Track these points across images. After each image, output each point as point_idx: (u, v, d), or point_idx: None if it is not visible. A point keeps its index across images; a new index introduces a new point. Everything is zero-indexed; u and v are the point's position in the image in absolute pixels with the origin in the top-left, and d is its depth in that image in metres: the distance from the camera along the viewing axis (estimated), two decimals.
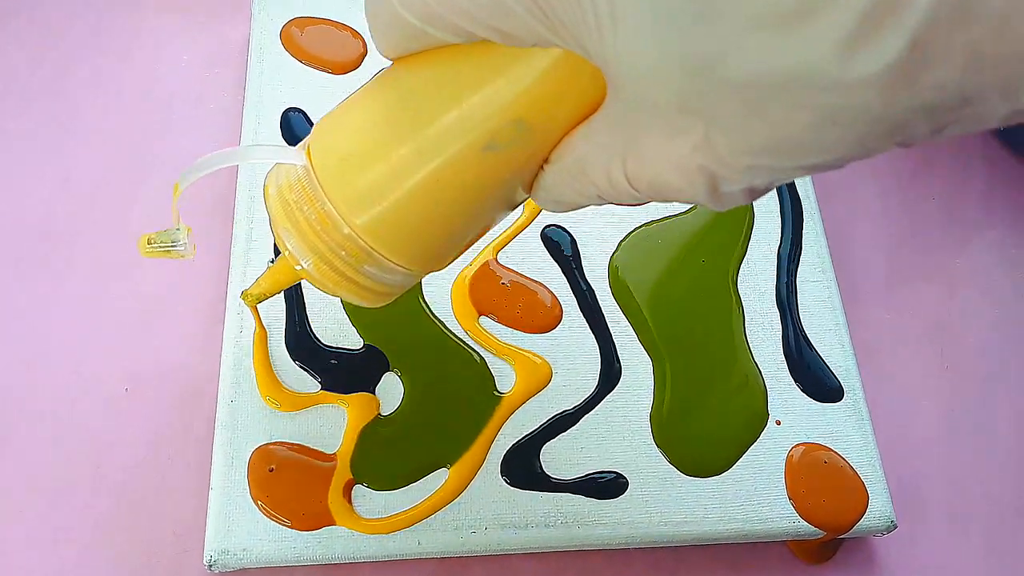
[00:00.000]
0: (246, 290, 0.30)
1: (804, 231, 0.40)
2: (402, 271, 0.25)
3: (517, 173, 0.23)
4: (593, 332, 0.36)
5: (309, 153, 0.24)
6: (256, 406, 0.33)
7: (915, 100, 0.15)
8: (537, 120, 0.22)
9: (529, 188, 0.24)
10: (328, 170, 0.23)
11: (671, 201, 0.21)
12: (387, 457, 0.33)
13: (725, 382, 0.36)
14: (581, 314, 0.37)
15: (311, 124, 0.38)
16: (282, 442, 0.32)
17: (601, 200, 0.23)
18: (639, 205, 0.23)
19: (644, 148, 0.20)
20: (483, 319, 0.36)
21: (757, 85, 0.16)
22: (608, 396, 0.35)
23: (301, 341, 0.34)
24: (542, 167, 0.23)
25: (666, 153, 0.19)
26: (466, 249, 0.26)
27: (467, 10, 0.19)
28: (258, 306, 0.32)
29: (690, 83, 0.17)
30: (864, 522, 0.34)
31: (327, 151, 0.23)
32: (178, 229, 0.28)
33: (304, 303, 0.35)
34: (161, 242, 0.28)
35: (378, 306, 0.27)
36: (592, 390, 0.35)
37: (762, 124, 0.17)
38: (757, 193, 0.20)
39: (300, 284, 0.35)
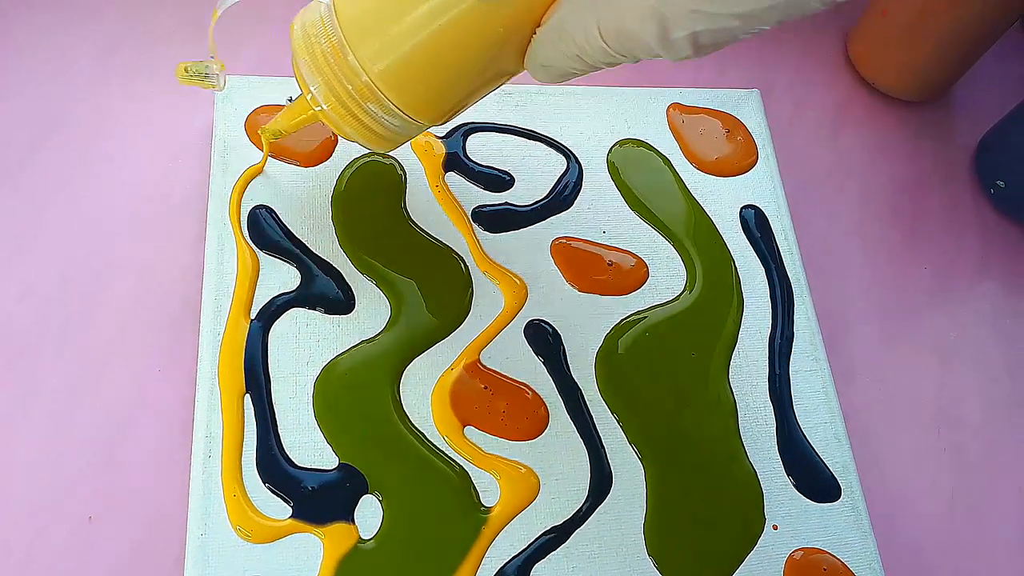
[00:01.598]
0: (264, 126, 0.34)
1: (796, 315, 0.39)
2: (401, 115, 0.29)
3: (510, 29, 0.26)
4: (581, 436, 0.35)
5: None
6: (228, 539, 0.31)
7: None
8: None
9: (522, 57, 0.28)
10: (347, 10, 0.27)
11: (635, 54, 0.24)
12: None
13: (721, 486, 0.35)
14: (568, 417, 0.35)
15: (279, 222, 0.37)
16: None
17: (581, 62, 0.26)
18: (613, 65, 0.26)
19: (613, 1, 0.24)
20: (467, 429, 0.34)
21: None
22: (600, 507, 0.34)
23: (272, 462, 0.32)
24: (533, 33, 0.27)
25: (629, 2, 0.23)
26: (461, 108, 0.30)
27: None
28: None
29: None
30: None
31: None
32: (213, 60, 0.32)
33: (276, 421, 0.33)
34: (197, 71, 0.32)
35: (381, 151, 0.32)
36: (583, 501, 0.34)
37: None
38: (701, 46, 0.23)
39: (271, 398, 0.33)
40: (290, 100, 0.34)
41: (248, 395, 0.33)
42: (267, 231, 0.36)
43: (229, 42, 0.43)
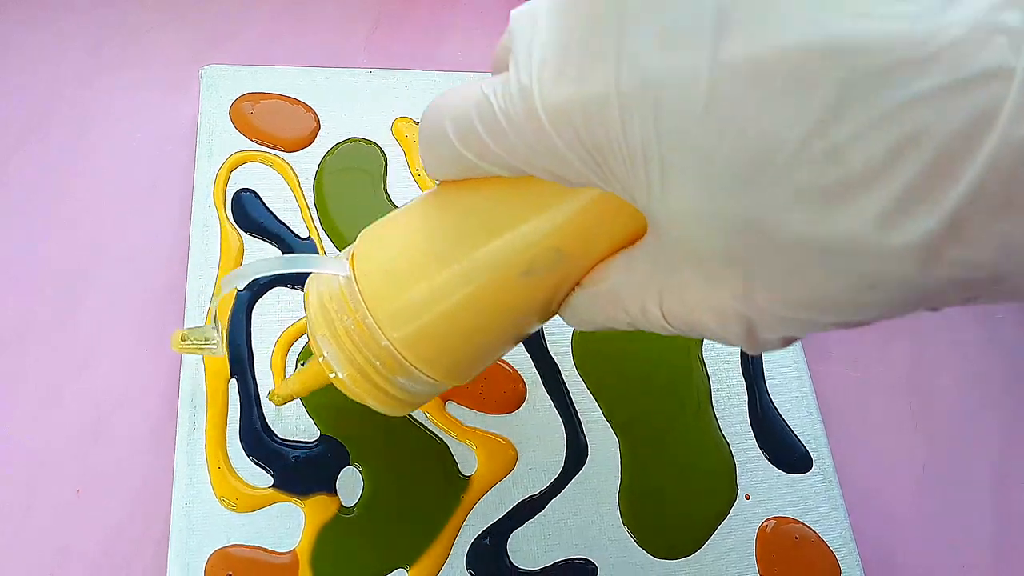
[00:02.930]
0: (273, 391, 0.31)
1: None
2: (432, 383, 0.26)
3: (550, 296, 0.24)
4: (558, 410, 0.36)
5: (352, 263, 0.25)
6: (212, 507, 0.32)
7: (949, 274, 0.16)
8: (575, 248, 0.23)
9: (558, 307, 0.25)
10: (371, 283, 0.25)
11: (704, 337, 0.22)
12: (349, 555, 0.32)
13: (694, 457, 0.36)
14: (545, 391, 0.36)
15: (264, 204, 0.38)
16: (240, 544, 0.31)
17: (631, 327, 0.24)
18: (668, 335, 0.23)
19: (682, 289, 0.21)
20: (448, 404, 0.35)
21: (799, 248, 0.17)
22: (575, 477, 0.35)
23: (256, 436, 0.33)
24: (573, 289, 0.24)
25: (705, 297, 0.20)
26: (493, 361, 0.28)
27: (525, 156, 0.20)
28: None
29: (735, 240, 0.18)
30: None
31: (371, 264, 0.25)
32: (213, 328, 0.29)
33: (259, 395, 0.34)
34: (195, 339, 0.30)
35: (399, 415, 0.28)
36: (558, 471, 0.35)
37: (802, 283, 0.18)
38: (792, 340, 0.20)
39: (255, 376, 0.34)
40: (302, 364, 0.34)
41: (233, 376, 0.34)
42: (251, 213, 0.37)
43: (213, 31, 0.44)
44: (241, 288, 0.35)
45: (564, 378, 0.37)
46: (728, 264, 0.19)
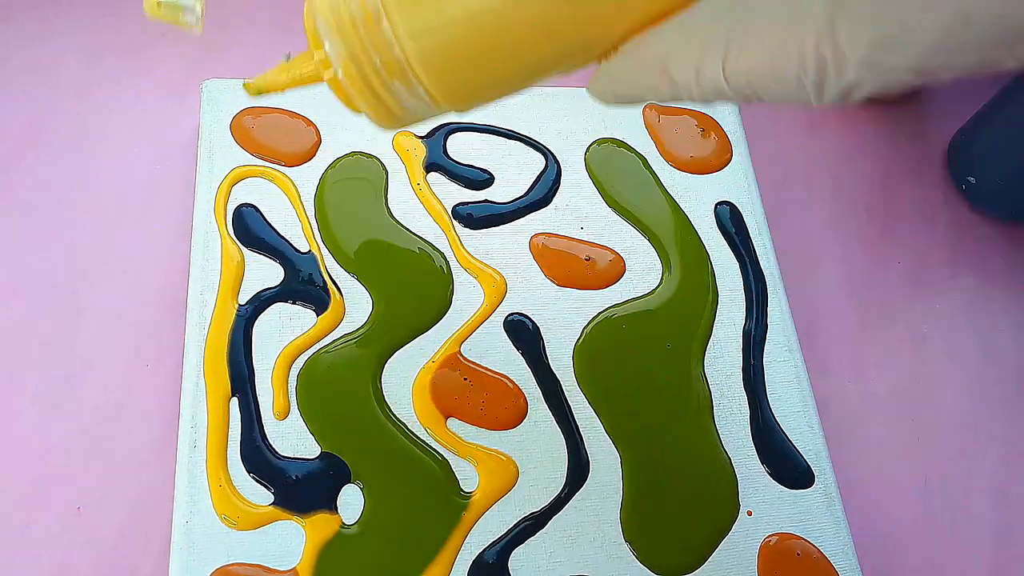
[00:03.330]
0: (248, 81, 0.28)
1: (769, 308, 0.40)
2: (427, 100, 0.24)
3: (577, 34, 0.23)
4: (559, 425, 0.36)
5: None
6: (213, 525, 0.32)
7: None
8: None
9: (581, 63, 0.24)
10: None
11: (757, 97, 0.21)
12: (350, 573, 0.32)
13: (695, 473, 0.36)
14: (547, 406, 0.36)
15: (264, 219, 0.37)
16: (241, 563, 0.31)
17: (670, 95, 0.22)
18: (706, 103, 0.22)
19: (754, 35, 0.20)
20: (449, 420, 0.35)
21: None
22: (577, 493, 0.35)
23: (257, 453, 0.33)
24: (608, 56, 0.23)
25: (781, 39, 0.19)
26: (498, 99, 0.25)
27: None
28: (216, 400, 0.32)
29: None
30: None
31: None
32: None
33: (260, 412, 0.34)
34: (170, 4, 0.27)
35: (388, 129, 0.27)
36: (560, 488, 0.35)
37: (892, 16, 0.17)
38: (854, 96, 0.19)
39: (255, 393, 0.34)
40: (287, 57, 0.29)
41: (234, 394, 0.34)
42: (251, 228, 0.37)
43: (213, 43, 0.44)
44: None
45: (565, 393, 0.36)
46: None
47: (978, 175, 0.47)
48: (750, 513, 0.35)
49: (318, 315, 0.36)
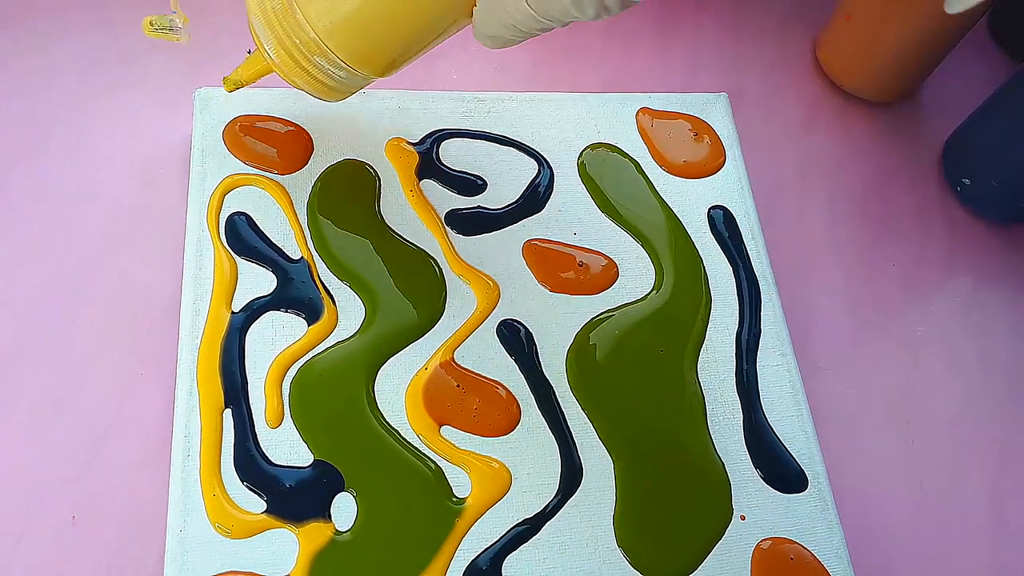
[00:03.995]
0: (226, 76, 0.36)
1: (763, 312, 0.40)
2: (346, 68, 0.31)
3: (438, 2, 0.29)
4: (552, 431, 0.36)
5: None
6: (207, 534, 0.32)
7: None
8: None
9: (463, 14, 0.30)
10: None
11: (559, 19, 0.28)
12: None
13: (689, 478, 0.36)
14: (540, 413, 0.36)
15: (257, 228, 0.38)
16: (235, 571, 0.31)
17: (518, 30, 0.29)
18: (546, 30, 0.29)
19: None
20: (443, 428, 0.35)
21: None
22: (570, 499, 0.35)
23: (250, 461, 0.33)
24: (475, 5, 0.29)
25: None
26: (404, 63, 0.32)
27: None
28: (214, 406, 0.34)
29: None
30: None
31: None
32: (175, 14, 0.34)
33: (254, 421, 0.34)
34: (160, 25, 0.34)
35: (332, 100, 0.34)
36: (554, 494, 0.35)
37: None
38: (607, 7, 0.26)
39: (249, 402, 0.34)
40: (249, 52, 0.36)
41: (228, 405, 0.34)
42: (244, 237, 0.37)
43: (207, 52, 0.45)
44: None
45: (559, 399, 0.37)
46: None
47: (973, 177, 0.47)
48: (743, 517, 0.35)
49: (310, 323, 0.36)
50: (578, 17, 0.27)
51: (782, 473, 0.36)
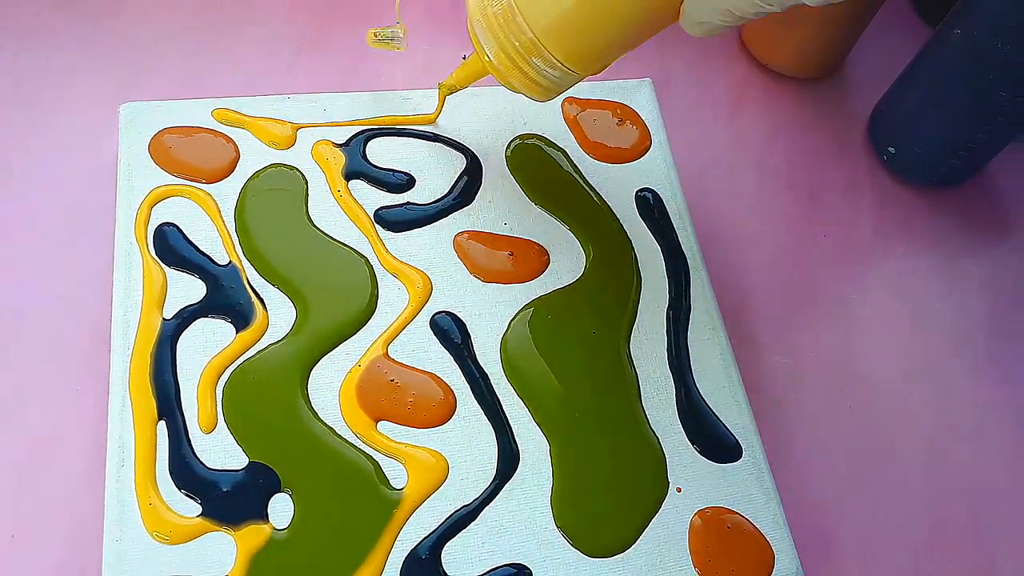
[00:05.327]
0: (441, 82, 0.40)
1: (692, 289, 0.40)
2: (561, 67, 0.33)
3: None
4: (489, 419, 0.36)
5: None
6: (144, 543, 0.32)
7: None
8: None
9: (674, 12, 0.31)
10: None
11: (777, 3, 0.28)
12: None
13: (624, 455, 0.36)
14: (476, 401, 0.37)
15: (187, 239, 0.38)
16: None
17: (732, 15, 0.29)
18: (761, 15, 0.29)
19: None
20: (380, 424, 0.35)
21: None
22: (508, 484, 0.35)
23: (186, 468, 0.33)
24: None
25: None
26: (614, 60, 0.34)
27: None
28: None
29: None
30: None
31: None
32: (397, 25, 0.38)
33: (188, 428, 0.34)
34: (383, 36, 0.38)
35: (541, 100, 0.36)
36: (491, 480, 0.35)
37: None
38: None
39: (182, 409, 0.34)
40: (464, 58, 0.39)
41: (162, 414, 0.34)
42: (173, 246, 0.38)
43: (134, 68, 0.45)
44: None
45: (494, 387, 0.37)
46: None
47: (898, 145, 0.48)
48: (680, 490, 0.36)
49: (242, 327, 0.36)
50: (804, 0, 0.27)
51: (716, 444, 0.37)
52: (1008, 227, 0.49)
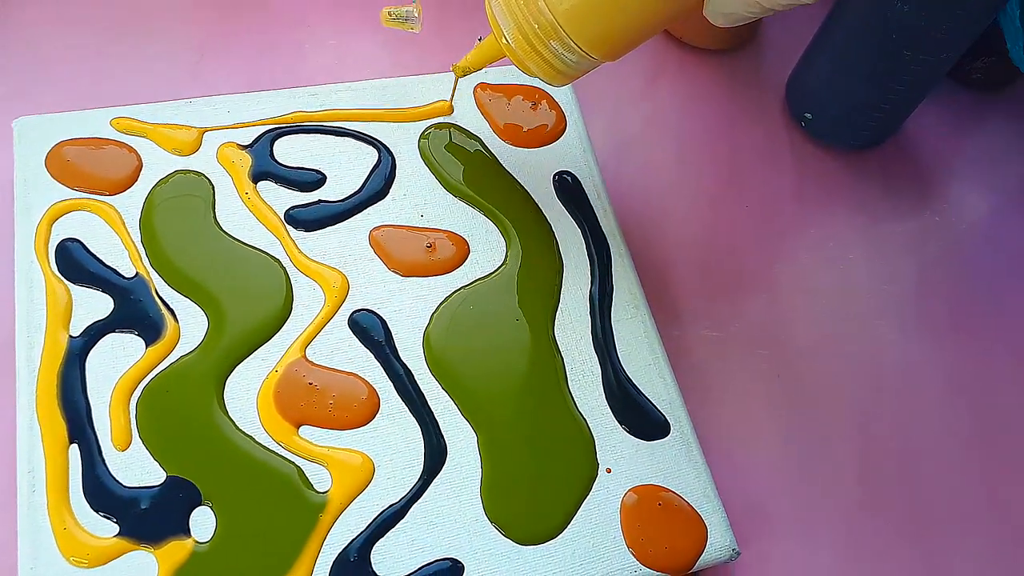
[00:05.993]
0: (455, 64, 0.38)
1: (613, 269, 0.40)
2: (579, 52, 0.33)
3: None
4: (414, 415, 0.36)
5: None
6: (60, 567, 0.31)
7: None
8: None
9: (694, 5, 0.31)
10: None
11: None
12: None
13: (551, 441, 0.36)
14: (399, 398, 0.36)
15: (91, 254, 0.37)
16: None
17: (759, 6, 0.28)
18: (789, 8, 0.28)
19: None
20: (302, 429, 0.35)
21: None
22: (436, 479, 0.35)
23: (101, 488, 0.32)
24: None
25: None
26: (633, 46, 0.34)
27: None
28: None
29: None
30: (706, 556, 0.35)
31: None
32: (412, 6, 0.37)
33: (101, 447, 0.33)
34: (397, 15, 0.37)
35: (556, 85, 0.35)
36: (418, 476, 0.35)
37: None
38: None
39: (95, 429, 0.33)
40: (480, 40, 0.38)
41: (73, 436, 0.33)
42: (76, 262, 0.36)
43: (28, 81, 0.43)
44: None
45: (418, 382, 0.37)
46: None
47: (814, 110, 0.48)
48: (609, 471, 0.36)
49: (152, 340, 0.35)
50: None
51: (644, 422, 0.37)
52: (928, 185, 0.50)
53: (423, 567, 0.33)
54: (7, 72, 0.44)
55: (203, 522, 0.32)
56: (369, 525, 0.33)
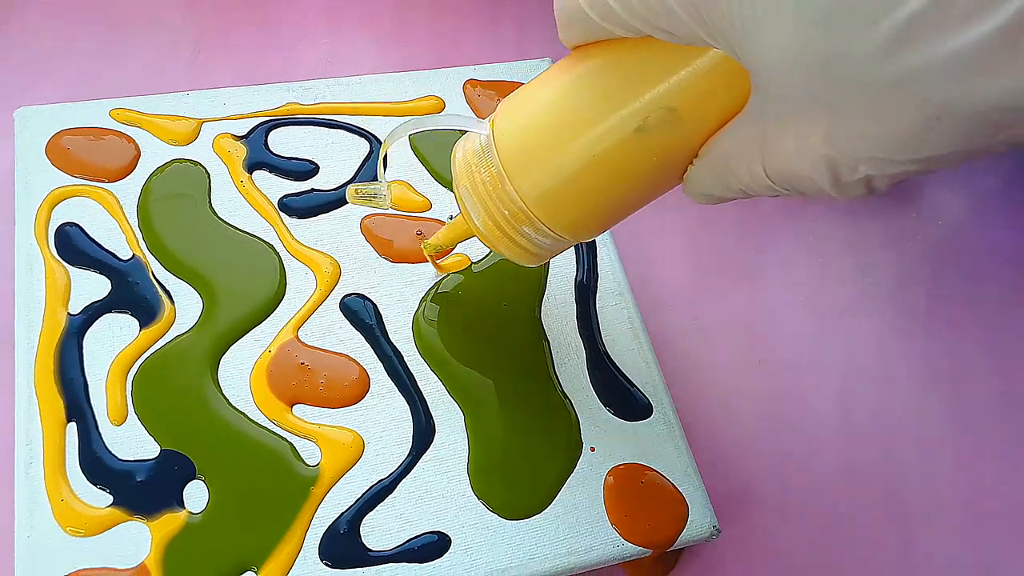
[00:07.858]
0: (427, 241, 0.37)
1: (599, 258, 0.41)
2: (553, 236, 0.30)
3: (666, 160, 0.27)
4: (403, 395, 0.37)
5: (492, 125, 0.29)
6: (55, 536, 0.32)
7: (1004, 98, 0.18)
8: (687, 111, 0.25)
9: (678, 179, 0.28)
10: (505, 140, 0.29)
11: (803, 192, 0.24)
12: (198, 561, 0.32)
13: (537, 420, 0.37)
14: (389, 378, 0.37)
15: (89, 237, 0.38)
16: (87, 569, 0.31)
17: (744, 193, 0.26)
18: (778, 196, 0.25)
19: (780, 141, 0.23)
20: (296, 408, 0.36)
21: (873, 83, 0.19)
22: (424, 456, 0.36)
23: (97, 462, 0.33)
24: (692, 162, 0.27)
25: (798, 145, 0.22)
26: (612, 225, 0.31)
27: (639, 12, 0.23)
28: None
29: (820, 78, 0.20)
30: (687, 533, 0.35)
31: (506, 125, 0.29)
32: (382, 183, 0.34)
33: (98, 423, 0.34)
34: (366, 193, 0.34)
35: (531, 266, 0.33)
36: (407, 453, 0.36)
37: (875, 119, 0.20)
38: (875, 188, 0.22)
39: (91, 405, 0.34)
40: (450, 218, 0.39)
41: (70, 411, 0.34)
42: (75, 245, 0.37)
43: (30, 73, 0.45)
44: (408, 134, 0.37)
45: (407, 363, 0.37)
46: (815, 103, 0.21)
47: None
48: (593, 449, 0.37)
49: (148, 321, 0.36)
50: (834, 196, 0.23)
51: (628, 404, 0.38)
52: (906, 183, 0.51)
53: (411, 539, 0.34)
54: (9, 64, 0.45)
55: (196, 494, 0.33)
56: (359, 499, 0.34)
